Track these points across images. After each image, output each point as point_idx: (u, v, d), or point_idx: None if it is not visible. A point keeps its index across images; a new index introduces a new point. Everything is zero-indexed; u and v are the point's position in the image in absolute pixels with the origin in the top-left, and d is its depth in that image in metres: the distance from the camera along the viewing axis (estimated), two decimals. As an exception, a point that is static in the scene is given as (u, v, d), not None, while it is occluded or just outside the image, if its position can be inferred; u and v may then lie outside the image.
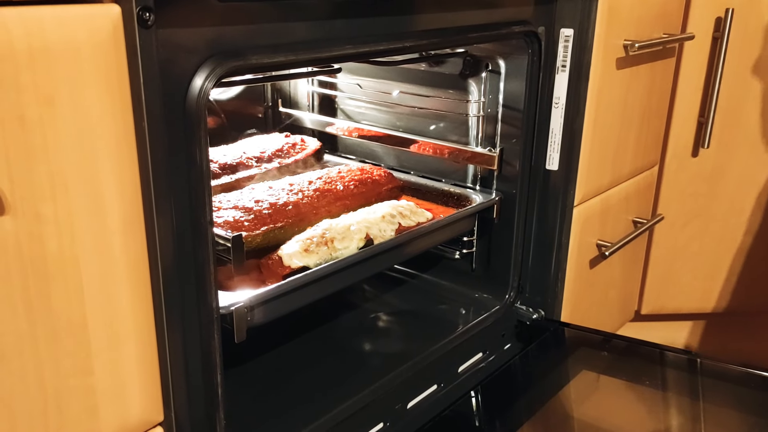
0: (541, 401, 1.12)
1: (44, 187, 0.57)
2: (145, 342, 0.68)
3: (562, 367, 1.19)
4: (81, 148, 0.58)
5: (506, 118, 1.19)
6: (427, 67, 1.30)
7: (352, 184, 1.18)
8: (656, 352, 1.23)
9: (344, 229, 1.02)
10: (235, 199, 1.08)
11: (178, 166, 0.68)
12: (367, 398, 0.99)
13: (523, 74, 1.13)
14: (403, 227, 1.08)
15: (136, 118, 0.62)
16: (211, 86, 0.68)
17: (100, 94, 0.58)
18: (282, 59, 0.77)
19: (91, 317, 0.62)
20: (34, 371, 0.60)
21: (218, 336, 0.76)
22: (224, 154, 1.25)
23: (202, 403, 0.77)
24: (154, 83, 0.62)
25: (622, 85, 1.28)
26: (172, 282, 0.69)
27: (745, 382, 1.14)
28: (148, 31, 0.61)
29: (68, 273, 0.60)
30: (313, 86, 1.50)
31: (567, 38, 1.13)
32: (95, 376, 0.64)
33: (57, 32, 0.55)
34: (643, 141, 1.42)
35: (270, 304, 0.87)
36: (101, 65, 0.58)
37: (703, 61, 1.50)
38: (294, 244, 0.99)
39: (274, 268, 0.96)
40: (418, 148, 1.33)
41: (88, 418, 0.64)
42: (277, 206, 1.06)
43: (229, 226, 1.00)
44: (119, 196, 0.62)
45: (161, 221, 0.66)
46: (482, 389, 1.15)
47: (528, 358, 1.21)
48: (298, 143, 1.35)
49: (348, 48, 0.84)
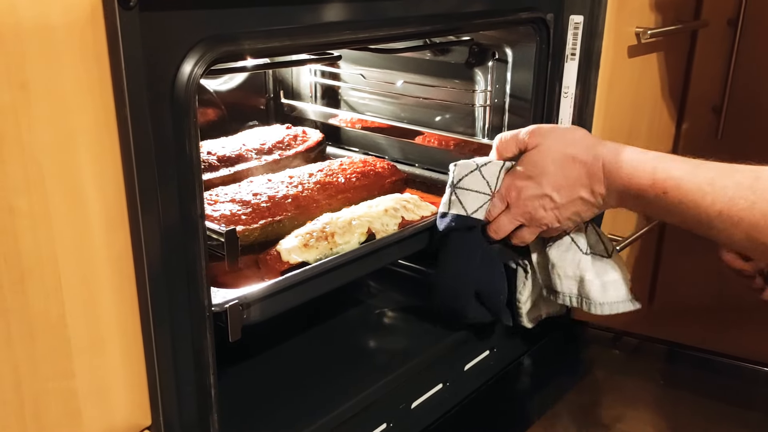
0: (551, 401, 1.10)
1: (18, 179, 0.54)
2: (130, 342, 0.65)
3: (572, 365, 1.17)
4: (57, 136, 0.55)
5: (514, 108, 1.17)
6: (431, 56, 1.28)
7: (354, 177, 1.15)
8: (668, 349, 1.21)
9: (345, 223, 0.99)
10: (232, 192, 1.05)
11: (166, 157, 0.65)
12: (370, 398, 0.96)
13: (531, 63, 1.11)
14: (406, 221, 1.05)
15: (118, 106, 0.59)
16: (200, 73, 0.65)
17: (78, 79, 0.56)
18: (277, 44, 0.74)
19: (71, 316, 0.59)
20: (10, 373, 0.57)
21: (211, 335, 0.73)
22: (223, 146, 1.22)
23: (194, 406, 0.74)
24: (138, 68, 0.59)
25: (634, 74, 1.25)
26: (160, 279, 0.66)
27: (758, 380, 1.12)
28: (131, 12, 0.58)
29: (45, 269, 0.57)
30: (316, 77, 1.47)
31: (577, 25, 1.10)
32: (76, 378, 0.61)
33: (29, 10, 0.52)
34: (655, 131, 1.40)
35: (267, 302, 0.84)
36: (78, 48, 0.55)
37: (717, 48, 1.47)
38: (293, 238, 0.96)
39: (272, 263, 0.93)
40: (423, 140, 1.30)
41: (69, 423, 0.62)
42: (276, 199, 1.04)
43: (225, 220, 0.97)
44: (100, 188, 0.59)
45: (147, 215, 0.63)
46: (489, 388, 1.13)
47: (537, 355, 1.19)
48: (300, 135, 1.32)
49: (347, 34, 0.82)
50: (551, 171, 0.92)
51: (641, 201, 0.88)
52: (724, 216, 0.80)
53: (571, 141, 0.93)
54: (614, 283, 1.02)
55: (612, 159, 0.89)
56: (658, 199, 0.85)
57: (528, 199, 0.94)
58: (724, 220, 0.80)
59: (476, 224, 0.98)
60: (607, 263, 1.03)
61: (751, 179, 0.79)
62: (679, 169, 0.84)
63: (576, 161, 0.91)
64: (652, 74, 1.31)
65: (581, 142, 0.93)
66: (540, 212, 0.95)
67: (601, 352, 1.12)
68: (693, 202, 0.82)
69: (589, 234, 1.02)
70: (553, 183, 0.93)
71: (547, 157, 0.93)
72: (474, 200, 0.98)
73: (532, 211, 0.95)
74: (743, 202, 0.78)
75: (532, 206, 0.95)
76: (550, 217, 0.95)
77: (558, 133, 0.95)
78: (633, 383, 1.14)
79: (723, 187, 0.80)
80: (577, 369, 1.14)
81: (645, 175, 0.86)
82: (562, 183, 0.92)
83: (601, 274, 1.02)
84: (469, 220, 0.97)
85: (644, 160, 0.87)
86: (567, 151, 0.92)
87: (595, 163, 0.90)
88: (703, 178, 0.82)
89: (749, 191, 0.78)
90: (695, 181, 0.82)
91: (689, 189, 0.82)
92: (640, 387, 1.14)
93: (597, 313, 1.02)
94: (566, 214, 0.95)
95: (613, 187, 0.90)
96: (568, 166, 0.92)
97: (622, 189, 0.89)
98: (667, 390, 1.14)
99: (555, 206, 0.94)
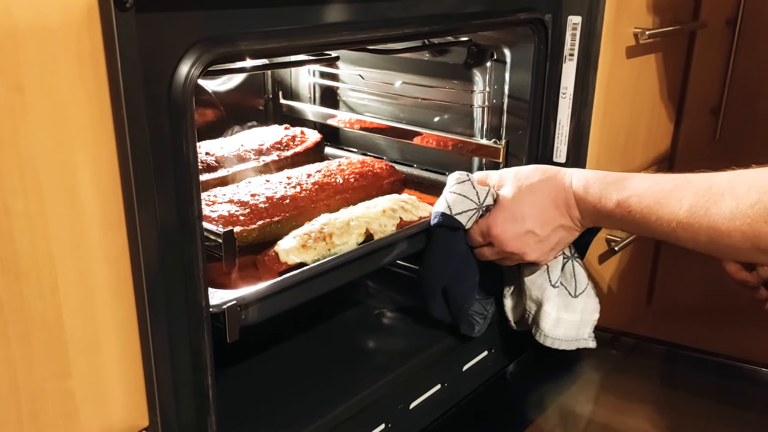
0: (549, 401, 1.10)
1: (14, 180, 0.54)
2: (127, 343, 0.65)
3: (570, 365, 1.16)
4: (54, 138, 0.55)
5: (512, 108, 1.16)
6: (430, 56, 1.28)
7: (353, 177, 1.14)
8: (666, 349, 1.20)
9: (343, 224, 0.99)
10: (230, 193, 1.04)
11: (163, 158, 0.64)
12: (369, 398, 0.96)
13: (529, 63, 1.10)
14: (404, 222, 1.04)
15: (115, 108, 0.59)
16: (197, 74, 0.65)
17: (74, 81, 0.55)
18: (274, 45, 0.74)
19: (68, 317, 0.59)
20: (7, 374, 0.57)
21: (208, 336, 0.73)
22: (221, 147, 1.22)
23: (192, 407, 0.74)
24: (134, 70, 0.59)
25: (632, 75, 1.25)
26: (157, 279, 0.66)
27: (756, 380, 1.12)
28: (127, 13, 0.57)
29: (42, 270, 0.57)
30: (315, 77, 1.47)
31: (575, 26, 1.10)
32: (73, 379, 0.61)
33: (25, 12, 0.52)
34: (653, 132, 1.39)
35: (265, 303, 0.83)
36: (74, 49, 0.55)
37: (715, 49, 1.47)
38: (291, 239, 0.96)
39: (270, 264, 0.93)
40: (422, 140, 1.30)
41: (66, 423, 0.62)
42: (274, 200, 1.03)
43: (223, 221, 0.97)
44: (96, 189, 0.59)
45: (143, 216, 0.63)
46: (488, 389, 1.13)
47: (535, 356, 1.19)
48: (298, 135, 1.32)
49: (345, 35, 0.82)
50: (529, 209, 0.98)
51: (612, 220, 0.94)
52: (685, 224, 0.84)
53: (539, 179, 0.99)
54: (568, 323, 1.07)
55: (579, 186, 0.96)
56: (624, 218, 0.91)
57: (512, 239, 0.99)
58: (686, 228, 0.85)
59: (460, 227, 1.00)
60: (571, 301, 1.07)
61: (704, 188, 0.83)
62: (638, 188, 0.90)
63: (550, 195, 0.97)
64: (651, 75, 1.31)
65: (548, 178, 0.99)
66: (525, 249, 0.99)
67: (598, 352, 1.12)
68: (655, 215, 0.88)
69: (565, 268, 1.06)
70: (534, 219, 0.98)
71: (522, 197, 0.99)
72: (460, 204, 1.00)
73: (515, 249, 0.99)
74: (700, 210, 0.83)
75: (515, 245, 0.99)
76: (536, 253, 1.00)
77: (523, 174, 1.01)
78: (630, 383, 1.14)
79: (679, 199, 0.85)
80: (575, 369, 1.14)
81: (610, 197, 0.92)
82: (541, 217, 0.98)
83: (561, 309, 1.07)
84: (453, 220, 1.00)
85: (607, 183, 0.94)
86: (539, 188, 0.98)
87: (567, 193, 0.97)
88: (661, 193, 0.87)
89: (703, 199, 0.83)
90: (654, 197, 0.88)
91: (649, 205, 0.88)
92: (638, 387, 1.14)
93: (541, 342, 1.07)
94: (549, 246, 1.00)
95: (585, 212, 0.97)
96: (544, 201, 0.98)
97: (593, 212, 0.95)
98: (665, 390, 1.14)
99: (539, 239, 0.99)
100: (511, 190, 1.00)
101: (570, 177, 0.98)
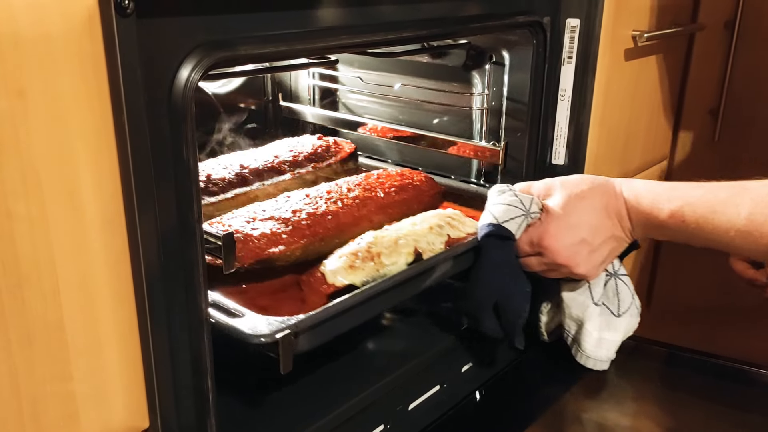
0: (549, 402, 1.10)
1: (16, 184, 0.54)
2: (128, 345, 0.65)
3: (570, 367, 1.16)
4: (55, 142, 0.56)
5: (511, 111, 1.17)
6: (429, 59, 1.28)
7: (393, 191, 1.11)
8: (666, 351, 1.20)
9: (391, 242, 0.94)
10: (271, 209, 1.01)
11: (163, 162, 0.65)
12: (368, 399, 0.96)
13: (528, 66, 1.11)
14: (452, 239, 1.01)
15: (116, 112, 0.59)
16: (198, 78, 0.65)
17: (76, 86, 0.56)
18: (273, 50, 0.74)
19: (69, 320, 0.60)
20: (8, 376, 0.57)
21: (208, 339, 0.73)
22: (255, 159, 1.19)
23: (192, 409, 0.74)
24: (135, 75, 0.60)
25: (631, 77, 1.25)
26: (157, 283, 0.66)
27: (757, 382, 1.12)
28: (128, 19, 0.58)
29: (43, 273, 0.57)
30: (314, 79, 1.47)
31: (573, 29, 1.10)
32: (74, 381, 0.61)
33: (27, 19, 0.52)
34: (652, 134, 1.40)
35: (318, 329, 0.79)
36: (76, 55, 0.55)
37: (714, 51, 1.47)
38: (337, 259, 0.92)
39: (317, 285, 0.90)
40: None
41: (67, 426, 0.62)
42: (316, 216, 0.99)
43: (266, 239, 0.93)
44: (97, 193, 0.59)
45: (144, 220, 0.63)
46: (487, 390, 1.13)
47: (535, 357, 1.19)
48: (332, 146, 1.28)
49: (344, 38, 0.82)
50: (584, 217, 0.95)
51: (664, 231, 0.92)
52: (744, 233, 0.83)
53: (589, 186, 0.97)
54: (610, 343, 1.06)
55: (631, 196, 0.94)
56: (678, 228, 0.90)
57: (564, 249, 0.95)
58: (746, 236, 0.83)
59: (510, 235, 0.97)
60: (613, 320, 1.05)
61: (763, 195, 0.82)
62: (691, 197, 0.88)
63: (602, 203, 0.95)
64: (649, 77, 1.31)
65: (598, 185, 0.97)
66: (577, 260, 0.96)
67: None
68: (711, 225, 0.86)
69: (608, 286, 1.04)
70: (588, 227, 0.95)
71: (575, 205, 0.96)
72: (506, 212, 0.97)
73: (566, 261, 0.96)
74: (760, 217, 0.81)
75: (567, 255, 0.95)
76: (586, 266, 0.97)
77: (571, 182, 0.98)
78: (631, 385, 1.14)
79: (736, 206, 0.83)
80: (575, 371, 1.14)
81: (661, 208, 0.91)
82: (595, 225, 0.95)
83: (603, 328, 1.05)
84: (502, 229, 0.96)
85: (659, 192, 0.92)
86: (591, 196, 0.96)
87: (618, 202, 0.95)
88: (715, 201, 0.86)
89: (762, 206, 0.81)
90: (709, 206, 0.86)
91: (704, 214, 0.86)
92: (638, 389, 1.13)
93: (582, 363, 1.07)
94: (600, 258, 0.98)
95: (637, 223, 0.95)
96: (597, 209, 0.95)
97: (645, 222, 0.94)
98: (666, 392, 1.13)
99: (592, 249, 0.96)
100: (560, 198, 0.97)
101: (620, 186, 0.96)
